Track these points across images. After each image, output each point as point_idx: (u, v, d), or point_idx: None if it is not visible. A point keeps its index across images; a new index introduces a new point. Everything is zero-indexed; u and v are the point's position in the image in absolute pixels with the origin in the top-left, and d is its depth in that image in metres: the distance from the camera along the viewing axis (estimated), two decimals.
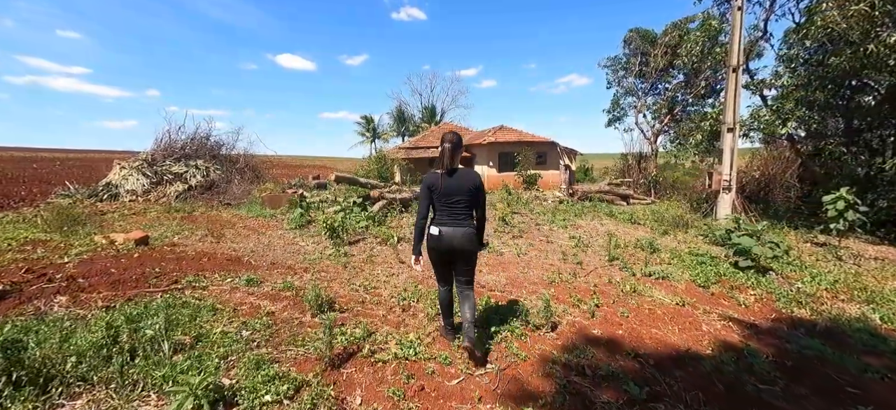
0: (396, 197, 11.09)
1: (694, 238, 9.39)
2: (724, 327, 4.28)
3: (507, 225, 9.88)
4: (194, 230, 8.75)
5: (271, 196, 11.68)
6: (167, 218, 10.26)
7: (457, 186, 3.01)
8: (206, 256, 6.20)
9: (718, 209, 10.89)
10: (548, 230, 9.64)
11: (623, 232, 9.74)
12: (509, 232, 9.13)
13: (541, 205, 13.96)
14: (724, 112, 10.84)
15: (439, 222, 3.05)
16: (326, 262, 6.25)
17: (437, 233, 3.02)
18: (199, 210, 11.76)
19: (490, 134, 21.79)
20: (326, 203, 12.83)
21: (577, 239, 8.40)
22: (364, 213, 9.36)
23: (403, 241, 8.00)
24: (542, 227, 9.95)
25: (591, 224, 10.32)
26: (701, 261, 6.74)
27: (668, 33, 17.96)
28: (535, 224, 10.35)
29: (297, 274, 5.44)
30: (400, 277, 5.54)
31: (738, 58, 10.49)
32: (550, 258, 7.02)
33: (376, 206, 10.13)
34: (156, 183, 15.81)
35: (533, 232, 9.40)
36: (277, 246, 7.60)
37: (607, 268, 6.38)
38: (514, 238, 8.68)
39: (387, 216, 10.28)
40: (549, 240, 8.49)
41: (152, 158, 16.43)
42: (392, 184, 12.44)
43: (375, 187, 11.20)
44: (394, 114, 38.73)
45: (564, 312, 4.33)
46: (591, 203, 14.37)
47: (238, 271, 5.42)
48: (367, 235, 8.42)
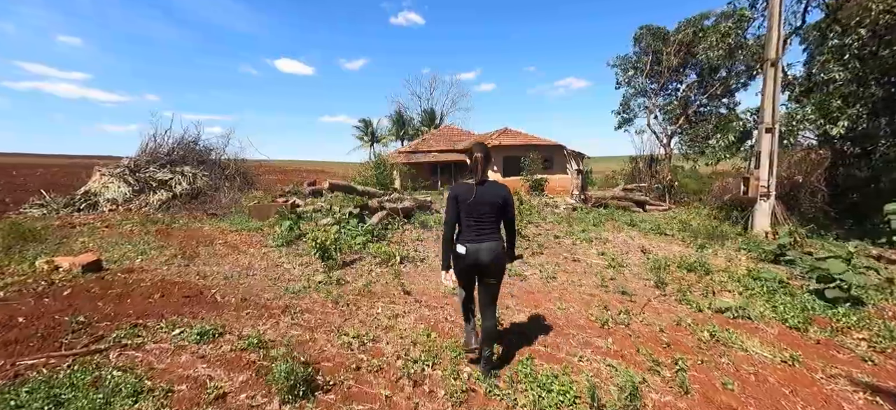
0: (397, 206, 9.77)
1: (737, 253, 8.09)
2: (868, 404, 2.97)
3: (524, 238, 8.56)
4: (165, 248, 7.40)
5: (259, 206, 10.34)
6: (141, 232, 8.90)
7: (486, 199, 2.83)
8: (161, 290, 4.85)
9: (756, 219, 9.61)
10: (570, 244, 8.33)
11: (655, 246, 8.43)
12: (528, 247, 7.81)
13: (553, 212, 12.66)
14: (761, 110, 9.59)
15: (466, 239, 2.87)
16: (313, 295, 4.90)
17: (463, 252, 2.85)
18: (180, 222, 10.41)
19: (494, 137, 20.51)
20: (321, 213, 11.51)
21: (610, 258, 7.09)
22: (361, 227, 8.03)
23: (407, 262, 6.68)
24: (563, 240, 8.64)
25: (617, 237, 9.01)
26: (771, 289, 5.44)
27: (682, 30, 16.74)
28: (553, 236, 9.04)
29: (272, 318, 4.10)
30: (407, 319, 4.21)
31: (777, 49, 9.25)
32: (585, 283, 5.71)
33: (375, 218, 8.80)
34: (138, 191, 14.45)
35: (553, 246, 8.08)
36: (258, 269, 6.26)
37: (663, 300, 5.07)
38: (534, 255, 7.37)
39: (387, 229, 8.96)
40: (575, 258, 7.17)
41: (135, 165, 15.06)
42: (392, 191, 11.12)
43: (374, 196, 9.87)
44: (393, 118, 37.37)
45: (644, 385, 3.01)
46: (607, 210, 13.08)
47: (196, 313, 4.08)
48: (364, 253, 7.09)
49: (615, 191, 14.40)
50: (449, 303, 4.69)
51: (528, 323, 4.21)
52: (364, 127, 35.38)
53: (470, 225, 2.85)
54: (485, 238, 2.84)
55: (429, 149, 23.34)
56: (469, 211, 2.83)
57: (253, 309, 4.30)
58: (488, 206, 2.83)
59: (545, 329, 4.03)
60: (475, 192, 2.81)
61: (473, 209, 2.82)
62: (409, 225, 9.60)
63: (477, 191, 2.82)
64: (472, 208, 2.82)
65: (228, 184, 15.69)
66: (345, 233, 7.71)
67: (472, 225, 2.85)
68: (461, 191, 2.86)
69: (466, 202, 2.82)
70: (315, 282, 5.48)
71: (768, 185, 9.43)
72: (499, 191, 2.89)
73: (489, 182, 2.90)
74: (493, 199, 2.84)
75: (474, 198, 2.80)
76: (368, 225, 8.22)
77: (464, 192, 2.84)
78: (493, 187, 2.88)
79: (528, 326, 4.10)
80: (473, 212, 2.83)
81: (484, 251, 2.82)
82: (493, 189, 2.88)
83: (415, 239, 8.30)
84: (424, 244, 8.01)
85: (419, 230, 9.18)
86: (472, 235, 2.84)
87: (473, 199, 2.80)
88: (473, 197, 2.80)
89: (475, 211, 2.83)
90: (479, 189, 2.83)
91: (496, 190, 2.88)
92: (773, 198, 9.47)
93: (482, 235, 2.84)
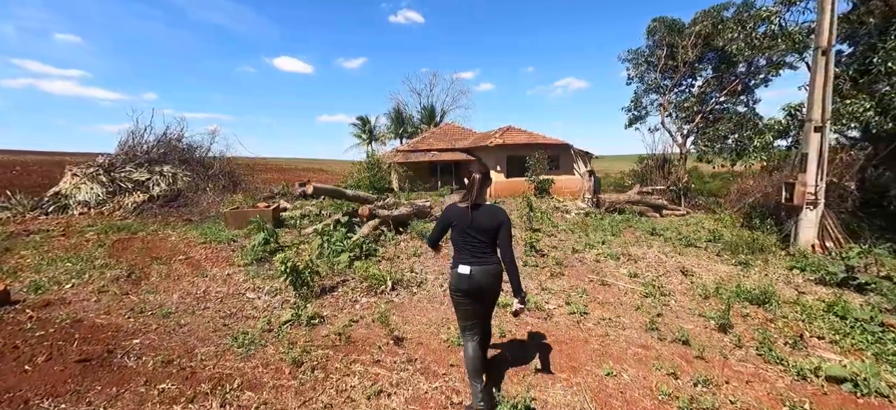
0: (392, 213, 8.41)
1: (789, 273, 6.76)
2: None
3: (538, 252, 7.21)
4: (112, 267, 6.04)
5: (237, 212, 8.97)
6: (97, 243, 7.55)
7: (482, 223, 2.55)
8: (57, 345, 3.49)
9: (801, 230, 8.26)
10: (592, 260, 6.98)
11: (692, 263, 7.08)
12: (544, 265, 6.46)
13: (563, 218, 11.32)
14: (808, 105, 8.22)
15: (467, 260, 2.55)
16: (268, 352, 3.54)
17: (467, 273, 2.52)
18: (149, 228, 9.05)
19: (497, 135, 19.10)
20: (309, 218, 10.17)
21: (648, 284, 5.74)
22: (347, 241, 6.66)
23: (401, 288, 5.33)
24: (583, 255, 7.29)
25: (648, 253, 7.64)
26: (875, 336, 4.09)
27: (699, 22, 15.29)
28: (571, 248, 7.68)
29: (195, 402, 2.74)
30: (395, 399, 2.85)
31: (828, 35, 7.87)
32: (627, 322, 4.37)
33: (366, 228, 7.44)
34: (113, 193, 13.07)
35: (575, 264, 6.73)
36: (213, 299, 4.91)
37: (744, 357, 3.71)
38: (553, 276, 6.02)
39: (380, 241, 7.60)
40: (604, 281, 5.83)
41: (110, 164, 13.66)
42: (386, 196, 9.75)
43: (365, 201, 8.51)
44: (391, 115, 35.55)
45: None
46: (623, 216, 11.73)
47: (83, 396, 2.73)
48: (349, 275, 5.73)
49: (630, 194, 13.06)
50: (456, 363, 3.34)
51: (565, 395, 2.86)
52: (362, 124, 33.79)
53: (465, 249, 2.59)
54: (485, 262, 2.57)
55: (428, 148, 21.92)
56: (463, 235, 2.59)
57: (173, 383, 2.94)
58: (484, 232, 2.57)
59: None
60: (470, 216, 2.56)
61: (467, 233, 2.58)
62: (406, 235, 8.24)
63: (472, 215, 2.56)
64: (465, 232, 2.58)
65: (212, 184, 14.32)
66: (328, 248, 6.35)
67: (467, 249, 2.59)
68: (454, 215, 2.62)
69: (460, 225, 2.59)
70: (280, 323, 4.13)
71: (816, 191, 8.08)
72: (496, 214, 2.59)
73: (484, 206, 2.63)
74: (490, 224, 2.56)
75: (468, 222, 2.56)
76: (356, 238, 6.86)
77: (458, 216, 2.61)
78: (490, 211, 2.61)
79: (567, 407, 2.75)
80: (469, 237, 2.58)
81: (485, 274, 2.56)
82: (491, 213, 2.60)
83: (411, 255, 6.95)
84: (423, 261, 6.67)
85: (417, 242, 7.83)
86: (472, 258, 2.57)
87: (467, 223, 2.56)
88: (467, 220, 2.56)
89: (471, 236, 2.57)
90: (473, 213, 2.57)
91: (494, 213, 2.60)
92: (821, 205, 8.12)
93: (480, 260, 2.56)
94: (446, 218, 2.67)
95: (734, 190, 15.83)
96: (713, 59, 16.54)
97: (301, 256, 5.36)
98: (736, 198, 15.29)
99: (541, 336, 3.98)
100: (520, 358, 3.43)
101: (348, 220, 8.05)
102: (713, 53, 16.53)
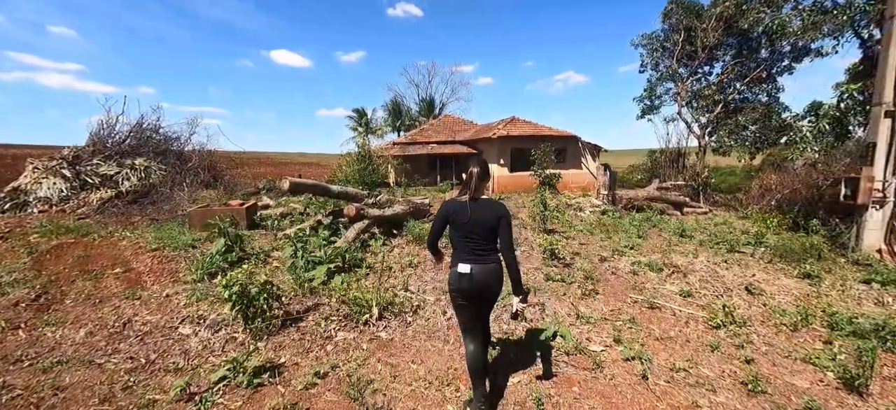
0: (384, 213, 7.01)
1: (868, 288, 5.40)
2: None
3: (560, 261, 5.83)
4: (27, 282, 4.65)
5: (203, 211, 7.54)
6: (30, 245, 6.16)
7: (480, 219, 2.38)
8: None
9: (865, 232, 6.91)
10: (627, 271, 5.61)
11: (748, 275, 5.71)
12: (571, 279, 5.08)
13: (578, 216, 9.94)
14: (878, 87, 6.83)
15: (465, 259, 2.40)
16: None
17: (468, 272, 2.37)
18: (105, 230, 7.63)
19: (500, 126, 17.65)
20: (291, 217, 8.77)
21: (709, 307, 4.37)
22: (327, 250, 5.25)
23: (391, 314, 3.94)
24: (614, 263, 5.93)
25: (691, 261, 6.26)
26: None
27: (721, 3, 13.81)
28: (598, 256, 6.31)
29: None
30: None
31: None
32: (715, 376, 3.00)
33: (351, 231, 6.04)
34: (78, 188, 11.61)
35: (608, 277, 5.36)
36: (133, 335, 3.53)
37: None
38: (585, 296, 4.65)
39: (367, 247, 6.21)
40: (652, 303, 4.46)
41: (76, 157, 12.19)
42: (379, 193, 8.33)
43: (354, 198, 7.09)
44: (388, 107, 33.71)
45: None
46: (644, 214, 10.37)
47: None
48: (324, 297, 4.34)
49: (649, 190, 11.69)
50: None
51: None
52: (358, 117, 32.08)
53: (464, 246, 2.42)
54: (485, 260, 2.39)
55: (427, 140, 20.45)
56: (461, 231, 2.41)
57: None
58: (483, 227, 2.38)
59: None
60: (468, 212, 2.38)
61: (465, 229, 2.39)
62: (401, 240, 6.85)
63: (470, 210, 2.38)
64: (464, 228, 2.40)
65: (191, 179, 12.86)
66: (302, 258, 4.95)
67: (466, 246, 2.41)
68: (453, 209, 2.45)
69: (458, 221, 2.42)
70: (210, 382, 2.75)
71: (884, 188, 6.73)
72: (495, 209, 2.42)
73: (484, 200, 2.46)
74: (488, 220, 2.38)
75: (467, 219, 2.38)
76: (339, 244, 5.46)
77: (456, 210, 2.43)
78: (488, 205, 2.44)
79: None
80: (467, 233, 2.40)
81: (486, 273, 2.38)
82: (490, 207, 2.43)
83: (406, 265, 5.55)
84: (421, 274, 5.28)
85: (414, 247, 6.44)
86: (472, 256, 2.39)
87: (465, 219, 2.38)
88: (466, 215, 2.38)
89: (469, 232, 2.39)
90: (472, 206, 2.40)
91: (493, 208, 2.43)
92: (891, 204, 6.76)
93: (480, 257, 2.39)
94: (444, 212, 2.49)
95: (755, 186, 14.50)
96: (733, 45, 15.13)
97: (260, 274, 3.96)
98: (758, 194, 13.96)
99: (591, 402, 2.61)
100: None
101: (332, 222, 6.64)
102: (733, 38, 15.10)
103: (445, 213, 2.47)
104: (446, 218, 2.47)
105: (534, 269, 5.54)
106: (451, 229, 2.47)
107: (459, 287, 2.40)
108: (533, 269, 5.55)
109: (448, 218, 2.45)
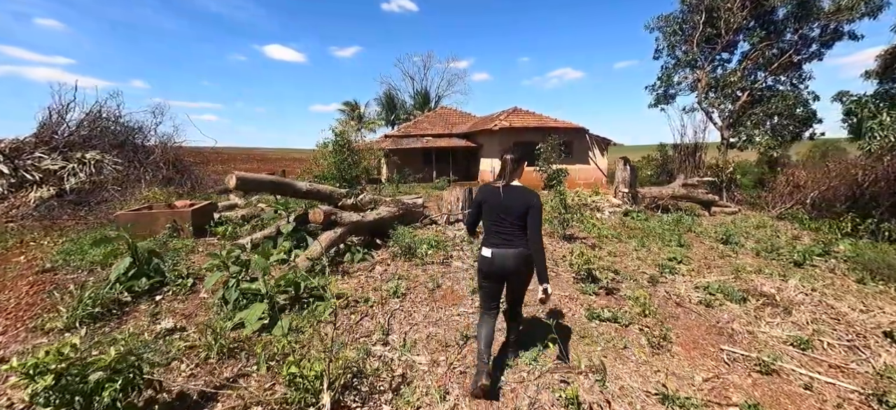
0: (364, 219, 5.35)
1: None
2: None
3: (600, 286, 4.21)
4: None
5: (133, 214, 5.84)
6: None
7: (512, 204, 2.41)
8: None
9: None
10: (694, 300, 4.00)
11: (863, 306, 4.12)
12: (625, 318, 3.46)
13: (597, 218, 8.33)
14: None
15: (491, 243, 2.44)
16: None
17: (488, 256, 2.43)
18: (25, 236, 5.94)
19: (502, 117, 15.97)
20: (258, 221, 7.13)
21: (850, 372, 2.77)
22: (281, 273, 3.58)
23: (355, 396, 2.28)
24: (670, 287, 4.32)
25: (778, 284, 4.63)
26: None
27: None
28: (644, 275, 4.71)
29: None
30: None
31: None
32: None
33: (315, 246, 4.36)
34: (18, 185, 9.82)
35: (672, 310, 3.75)
36: None
37: None
38: (655, 348, 3.03)
39: (339, 263, 4.55)
40: (766, 367, 2.84)
41: (15, 149, 10.40)
42: (361, 191, 6.62)
43: (325, 198, 5.42)
44: (382, 101, 31.75)
45: None
46: (671, 215, 8.82)
47: None
48: (252, 359, 2.67)
49: (674, 187, 10.11)
50: None
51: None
52: (350, 110, 30.10)
53: (495, 230, 2.45)
54: (512, 244, 2.39)
55: (422, 133, 18.73)
56: (493, 215, 2.46)
57: None
58: (514, 213, 2.40)
59: None
60: (501, 197, 2.43)
61: (497, 213, 2.44)
62: (386, 252, 5.20)
63: (503, 195, 2.43)
64: (495, 212, 2.44)
65: (150, 175, 11.10)
66: (234, 293, 3.29)
67: (497, 230, 2.44)
68: (486, 194, 2.51)
69: (490, 205, 2.46)
70: None
71: None
72: (527, 197, 2.42)
73: (516, 186, 2.48)
74: (519, 206, 2.39)
75: (499, 202, 2.43)
76: (287, 273, 3.79)
77: (489, 195, 2.49)
78: (521, 192, 2.45)
79: None
80: (497, 217, 2.44)
81: (511, 257, 2.40)
82: (522, 194, 2.44)
83: (390, 294, 3.87)
84: (411, 307, 3.62)
85: (401, 263, 4.79)
86: (499, 240, 2.42)
87: (498, 203, 2.43)
88: (498, 200, 2.43)
89: (500, 217, 2.43)
90: (504, 192, 2.44)
91: (525, 195, 2.43)
92: None
93: (508, 241, 2.40)
94: (479, 197, 2.55)
95: (782, 182, 13.01)
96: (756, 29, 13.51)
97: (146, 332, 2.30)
98: (786, 192, 12.47)
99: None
100: None
101: (295, 229, 4.98)
102: (756, 21, 13.50)
103: (480, 197, 2.52)
104: (480, 203, 2.51)
105: (566, 299, 3.92)
106: (483, 212, 2.51)
107: (481, 268, 2.48)
108: (565, 299, 3.93)
109: (482, 203, 2.50)
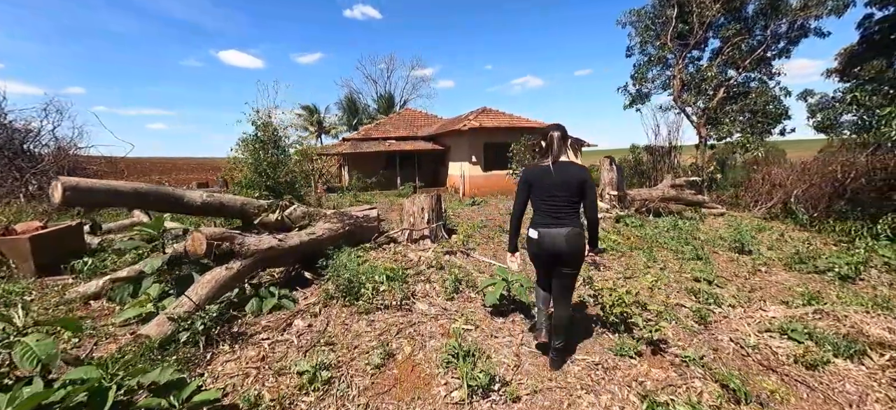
0: (282, 244, 3.65)
1: None
2: None
3: (641, 336, 2.78)
4: None
5: None
6: None
7: (567, 180, 2.29)
8: None
9: None
10: (777, 347, 2.66)
11: None
12: (690, 393, 2.02)
13: None
14: None
15: (539, 223, 2.37)
16: None
17: (535, 237, 2.37)
18: None
19: (471, 118, 14.60)
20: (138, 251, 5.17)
21: None
22: (138, 344, 1.83)
23: None
24: (728, 331, 2.97)
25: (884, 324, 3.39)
26: None
27: None
28: (679, 306, 3.35)
29: None
30: None
31: None
32: None
33: (205, 284, 2.62)
34: None
35: (747, 369, 2.37)
36: None
37: None
38: None
39: (233, 318, 2.84)
40: None
41: None
42: (292, 204, 4.80)
43: (230, 212, 3.67)
44: (343, 105, 29.43)
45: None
46: (668, 220, 7.75)
47: None
48: None
49: (663, 188, 9.12)
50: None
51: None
52: (308, 114, 27.59)
53: (545, 209, 2.36)
54: (561, 223, 2.30)
55: (384, 136, 17.03)
56: (543, 194, 2.35)
57: None
58: (565, 189, 2.30)
59: None
60: (552, 173, 2.31)
61: (548, 192, 2.33)
62: (315, 291, 3.53)
63: (554, 172, 2.31)
64: (546, 191, 2.34)
65: (38, 185, 8.69)
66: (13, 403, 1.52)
67: (547, 209, 2.35)
68: (534, 175, 2.39)
69: (541, 184, 2.35)
70: None
71: None
72: (577, 172, 2.31)
73: (564, 162, 2.36)
74: (571, 181, 2.29)
75: (550, 180, 2.31)
76: (148, 336, 2.06)
77: (538, 175, 2.37)
78: (569, 168, 2.33)
79: None
80: (548, 196, 2.34)
81: (561, 236, 2.29)
82: (571, 170, 2.32)
83: (311, 374, 2.20)
84: (340, 392, 1.98)
85: (337, 310, 3.13)
86: (549, 219, 2.33)
87: (549, 181, 2.32)
88: (549, 178, 2.32)
89: (550, 195, 2.33)
90: (555, 169, 2.32)
91: (574, 170, 2.32)
92: None
93: (559, 220, 2.31)
94: (526, 179, 2.42)
95: (758, 181, 12.47)
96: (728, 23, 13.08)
97: None
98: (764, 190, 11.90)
99: None
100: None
101: (176, 262, 3.20)
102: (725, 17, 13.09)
103: (528, 180, 2.42)
104: (529, 183, 2.41)
105: (599, 372, 2.46)
106: (532, 194, 2.41)
107: (530, 249, 2.46)
108: (598, 371, 2.47)
109: (530, 182, 2.40)
